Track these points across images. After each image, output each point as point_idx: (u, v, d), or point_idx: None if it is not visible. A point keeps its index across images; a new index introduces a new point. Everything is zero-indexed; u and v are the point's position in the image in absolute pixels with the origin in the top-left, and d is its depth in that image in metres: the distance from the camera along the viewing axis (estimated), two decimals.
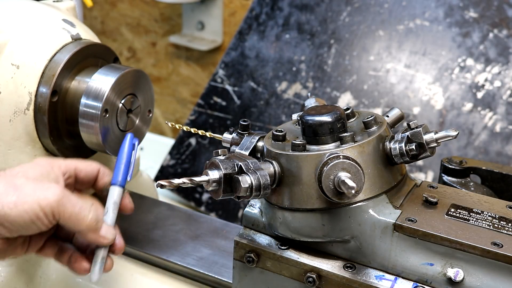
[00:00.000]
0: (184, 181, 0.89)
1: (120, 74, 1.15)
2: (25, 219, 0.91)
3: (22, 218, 0.91)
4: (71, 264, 1.03)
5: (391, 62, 1.84)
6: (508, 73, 1.71)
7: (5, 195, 0.92)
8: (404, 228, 0.87)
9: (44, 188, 0.94)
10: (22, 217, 0.91)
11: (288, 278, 0.95)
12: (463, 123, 1.71)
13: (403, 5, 1.87)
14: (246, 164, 0.88)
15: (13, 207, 0.91)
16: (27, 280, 1.23)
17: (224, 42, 2.33)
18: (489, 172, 1.08)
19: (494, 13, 1.77)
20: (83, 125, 1.15)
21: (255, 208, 0.99)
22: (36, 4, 1.23)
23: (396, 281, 0.89)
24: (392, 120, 0.98)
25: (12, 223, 0.91)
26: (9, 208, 0.91)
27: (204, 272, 1.17)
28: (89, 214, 0.97)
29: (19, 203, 0.91)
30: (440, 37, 1.81)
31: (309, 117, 0.90)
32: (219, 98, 2.03)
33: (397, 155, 0.89)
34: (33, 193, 0.92)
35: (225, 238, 1.25)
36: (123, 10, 2.58)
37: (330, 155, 0.85)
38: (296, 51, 1.96)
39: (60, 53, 1.16)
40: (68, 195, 0.95)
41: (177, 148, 2.04)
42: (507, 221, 0.88)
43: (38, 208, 0.92)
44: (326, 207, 0.88)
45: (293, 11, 2.00)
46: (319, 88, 1.88)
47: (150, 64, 2.58)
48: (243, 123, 1.01)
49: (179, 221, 1.31)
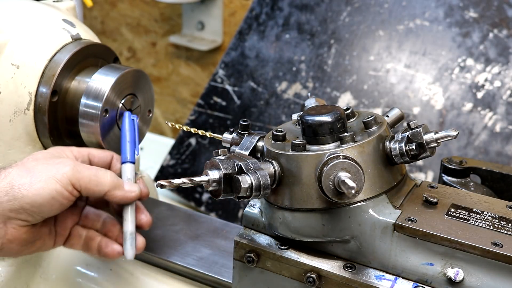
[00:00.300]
0: (184, 181, 0.89)
1: (120, 74, 1.15)
2: (44, 196, 0.91)
3: (40, 196, 0.91)
4: (101, 251, 1.02)
5: (391, 62, 1.84)
6: (508, 73, 1.71)
7: (19, 178, 0.92)
8: (404, 228, 0.87)
9: (56, 163, 0.94)
10: (40, 194, 0.91)
11: (288, 278, 0.95)
12: (463, 123, 1.71)
13: (403, 5, 1.87)
14: (246, 164, 0.88)
15: (29, 188, 0.91)
16: (27, 280, 1.23)
17: (224, 42, 2.33)
18: (489, 172, 1.08)
19: (494, 13, 1.77)
20: (83, 125, 1.15)
21: (255, 208, 0.99)
22: (36, 4, 1.23)
23: (396, 281, 0.89)
24: (392, 120, 0.98)
25: (31, 203, 0.91)
26: (25, 189, 0.91)
27: (204, 272, 1.17)
28: (107, 173, 0.97)
29: (34, 181, 0.91)
30: (440, 37, 1.81)
31: (309, 117, 0.90)
32: (219, 98, 2.03)
33: (397, 155, 0.89)
34: (45, 170, 0.92)
35: (225, 238, 1.25)
36: (123, 10, 2.58)
37: (330, 155, 0.85)
38: (296, 51, 1.96)
39: (60, 53, 1.16)
40: (80, 164, 0.95)
41: (177, 148, 2.04)
42: (507, 221, 0.88)
43: (54, 182, 0.91)
44: (326, 207, 0.88)
45: (293, 11, 2.00)
46: (319, 88, 1.88)
47: (150, 64, 2.58)
48: (243, 123, 1.01)
49: (179, 221, 1.31)
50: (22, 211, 0.92)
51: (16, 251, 0.97)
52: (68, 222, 1.02)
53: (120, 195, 0.98)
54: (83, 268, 1.26)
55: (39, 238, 0.98)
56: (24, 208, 0.91)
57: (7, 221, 0.93)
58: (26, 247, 0.97)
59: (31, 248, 0.99)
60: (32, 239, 0.97)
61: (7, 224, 0.93)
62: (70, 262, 1.27)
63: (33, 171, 0.93)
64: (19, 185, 0.91)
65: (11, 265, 1.20)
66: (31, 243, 0.97)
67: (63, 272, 1.25)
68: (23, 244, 0.96)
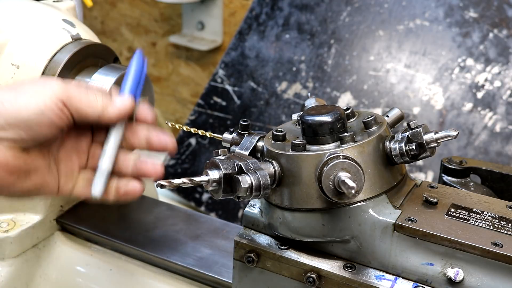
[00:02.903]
0: (184, 181, 0.89)
1: (120, 74, 1.15)
2: (30, 109, 0.81)
3: (27, 109, 0.81)
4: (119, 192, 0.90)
5: (391, 62, 1.84)
6: (508, 73, 1.71)
7: (2, 94, 0.83)
8: (404, 228, 0.87)
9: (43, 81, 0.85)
10: (26, 107, 0.81)
11: (288, 278, 0.95)
12: (463, 123, 1.71)
13: (403, 5, 1.87)
14: (246, 164, 0.88)
15: (13, 101, 0.81)
16: (27, 280, 1.23)
17: (224, 42, 2.34)
18: (489, 172, 1.08)
19: (494, 13, 1.77)
20: None
21: (255, 208, 0.99)
22: (36, 4, 1.23)
23: (396, 281, 0.89)
24: (392, 120, 0.98)
25: (17, 117, 0.81)
26: (9, 103, 0.81)
27: (204, 272, 1.17)
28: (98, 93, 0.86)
29: (19, 95, 0.82)
30: (440, 37, 1.81)
31: (309, 117, 0.90)
32: (219, 98, 2.03)
33: (397, 155, 0.89)
34: (32, 86, 0.84)
35: (225, 238, 1.25)
36: (123, 10, 2.58)
37: (330, 155, 0.85)
38: (296, 51, 1.96)
39: (60, 53, 1.16)
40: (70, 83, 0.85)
41: (177, 148, 2.04)
42: (507, 221, 0.88)
43: (42, 96, 0.82)
44: (326, 207, 0.88)
45: (293, 11, 2.00)
46: (319, 88, 1.88)
47: (150, 64, 2.58)
48: (243, 123, 1.01)
49: (179, 221, 1.31)
50: (7, 127, 0.81)
51: (6, 181, 0.84)
52: (74, 161, 0.91)
53: (115, 111, 0.86)
54: (83, 268, 1.26)
55: (34, 169, 0.86)
56: (9, 123, 0.81)
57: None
58: (17, 177, 0.85)
59: (26, 182, 0.86)
60: (24, 168, 0.85)
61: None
62: (70, 262, 1.27)
63: (19, 88, 0.83)
64: (2, 100, 0.81)
65: (11, 265, 1.20)
66: (24, 173, 0.85)
67: (63, 272, 1.25)
68: (13, 172, 0.84)
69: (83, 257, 1.27)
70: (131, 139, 0.91)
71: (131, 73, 0.92)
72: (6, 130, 0.82)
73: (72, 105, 0.84)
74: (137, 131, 0.91)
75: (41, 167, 0.87)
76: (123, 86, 0.91)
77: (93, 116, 0.86)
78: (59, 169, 0.90)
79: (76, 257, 1.27)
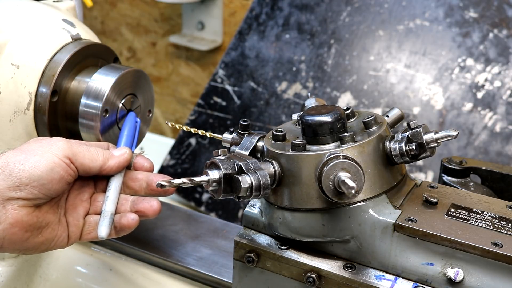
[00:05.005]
0: (184, 181, 0.89)
1: (120, 74, 1.15)
2: (41, 168, 0.89)
3: (38, 168, 0.89)
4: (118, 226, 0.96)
5: (391, 62, 1.84)
6: (508, 73, 1.71)
7: (13, 156, 0.90)
8: (404, 228, 0.87)
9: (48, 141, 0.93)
10: (37, 167, 0.89)
11: (288, 278, 0.95)
12: (463, 123, 1.71)
13: (403, 5, 1.87)
14: (246, 164, 0.88)
15: (24, 162, 0.89)
16: (27, 280, 1.23)
17: (224, 42, 2.33)
18: (489, 172, 1.08)
19: (494, 13, 1.77)
20: (83, 125, 1.15)
21: (255, 208, 0.99)
22: (36, 4, 1.23)
23: (396, 281, 0.89)
24: (392, 120, 0.98)
25: (30, 177, 0.88)
26: (21, 164, 0.89)
27: (204, 272, 1.17)
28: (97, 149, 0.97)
29: (29, 156, 0.90)
30: (440, 37, 1.81)
31: (309, 117, 0.90)
32: (219, 98, 2.03)
33: (397, 155, 0.89)
34: (40, 147, 0.91)
35: (225, 238, 1.26)
36: (123, 10, 2.58)
37: (330, 155, 0.85)
38: (296, 51, 1.96)
39: (60, 53, 1.16)
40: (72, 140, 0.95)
41: (177, 148, 2.04)
42: (507, 221, 0.88)
43: (50, 155, 0.90)
44: (326, 207, 0.88)
45: (293, 11, 2.00)
46: (319, 88, 1.88)
47: (150, 64, 2.58)
48: (243, 123, 1.01)
49: (179, 221, 1.31)
50: (21, 188, 0.88)
51: (21, 238, 0.90)
52: (79, 211, 0.98)
53: (115, 164, 0.97)
54: (83, 268, 1.26)
55: (46, 225, 0.92)
56: (23, 183, 0.88)
57: (6, 202, 0.88)
58: (31, 233, 0.91)
59: (38, 237, 0.92)
60: (37, 224, 0.91)
61: (7, 206, 0.88)
62: (70, 262, 1.27)
63: (27, 149, 0.91)
64: (14, 161, 0.89)
65: (11, 265, 1.20)
66: (37, 229, 0.91)
67: (63, 272, 1.25)
68: (27, 229, 0.90)
69: (83, 257, 1.27)
70: (131, 184, 1.01)
71: (126, 131, 1.10)
72: (20, 190, 0.89)
73: (77, 161, 0.93)
74: (136, 178, 1.01)
75: (52, 221, 0.94)
76: (119, 142, 1.08)
77: (95, 169, 0.96)
78: (68, 221, 0.97)
79: (76, 257, 1.27)
